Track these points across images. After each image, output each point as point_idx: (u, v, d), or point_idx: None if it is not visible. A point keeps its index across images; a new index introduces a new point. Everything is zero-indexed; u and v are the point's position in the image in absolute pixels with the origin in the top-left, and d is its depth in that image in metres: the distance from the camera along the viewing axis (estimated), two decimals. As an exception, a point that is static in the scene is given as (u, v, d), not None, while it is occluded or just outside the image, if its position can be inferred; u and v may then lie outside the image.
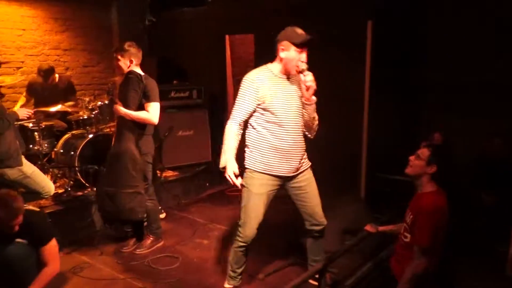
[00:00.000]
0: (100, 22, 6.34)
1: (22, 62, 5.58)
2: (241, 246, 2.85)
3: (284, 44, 2.59)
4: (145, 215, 3.70)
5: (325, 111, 4.75)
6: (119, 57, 3.56)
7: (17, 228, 2.53)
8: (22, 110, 3.63)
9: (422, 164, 2.46)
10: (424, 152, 2.48)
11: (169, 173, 5.22)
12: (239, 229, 2.83)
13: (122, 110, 3.47)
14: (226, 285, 3.02)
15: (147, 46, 6.43)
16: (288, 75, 2.68)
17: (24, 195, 3.60)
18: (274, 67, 2.68)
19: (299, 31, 2.60)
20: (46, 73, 5.04)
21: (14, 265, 2.54)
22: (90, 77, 6.36)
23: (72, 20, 6.06)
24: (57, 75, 5.24)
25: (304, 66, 2.58)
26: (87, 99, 4.82)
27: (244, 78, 2.62)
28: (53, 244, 2.71)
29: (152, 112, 3.51)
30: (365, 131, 4.55)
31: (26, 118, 3.75)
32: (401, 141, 4.31)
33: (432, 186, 2.47)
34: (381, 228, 2.91)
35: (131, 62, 3.54)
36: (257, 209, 2.74)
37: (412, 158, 2.54)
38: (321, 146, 4.83)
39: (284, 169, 2.72)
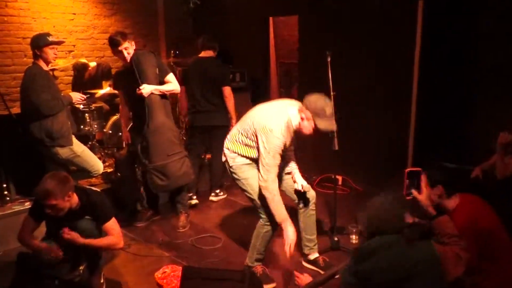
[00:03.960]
0: (146, 6, 6.44)
1: (74, 45, 5.78)
2: (268, 230, 2.94)
3: (309, 115, 2.65)
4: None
5: (371, 94, 4.67)
6: (127, 44, 3.58)
7: (72, 205, 2.68)
8: (75, 94, 3.77)
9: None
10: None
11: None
12: (265, 216, 2.89)
13: (151, 86, 3.56)
14: (250, 263, 3.07)
15: (192, 29, 6.50)
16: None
17: (75, 173, 3.79)
18: (294, 121, 2.74)
19: (328, 111, 2.65)
20: (79, 70, 5.28)
21: (84, 236, 2.71)
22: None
23: (120, 4, 6.20)
24: (94, 63, 5.41)
25: None
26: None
27: (272, 132, 2.66)
28: (114, 221, 2.86)
29: (174, 82, 3.75)
30: (413, 113, 4.39)
31: (79, 102, 3.88)
32: (452, 127, 4.14)
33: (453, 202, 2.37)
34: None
35: (132, 45, 3.67)
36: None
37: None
38: (366, 129, 4.75)
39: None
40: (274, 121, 2.71)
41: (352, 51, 4.67)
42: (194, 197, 4.52)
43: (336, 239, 3.46)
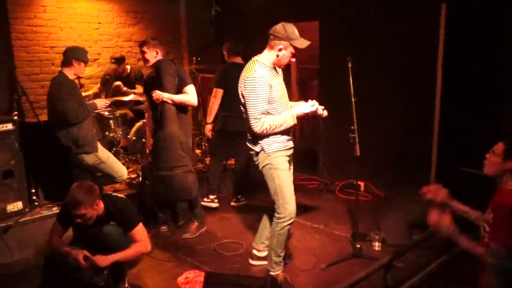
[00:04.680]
0: (169, 14, 6.56)
1: (99, 54, 5.93)
2: (287, 226, 2.95)
3: (284, 43, 2.76)
4: (197, 193, 3.85)
5: (393, 99, 4.62)
6: (145, 49, 3.69)
7: (99, 212, 2.76)
8: (100, 101, 3.88)
9: (499, 160, 2.28)
10: (499, 147, 2.30)
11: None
12: (280, 210, 2.93)
13: (164, 94, 3.58)
14: (273, 273, 3.07)
15: (213, 36, 6.57)
16: (275, 67, 2.89)
17: (100, 179, 3.89)
18: (264, 60, 2.84)
19: (297, 32, 2.79)
20: (117, 60, 5.31)
21: (110, 240, 2.80)
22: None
23: (143, 13, 6.33)
24: (128, 66, 5.51)
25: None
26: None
27: (250, 78, 2.73)
28: (141, 227, 2.92)
29: (191, 93, 3.69)
30: (436, 118, 4.31)
31: (103, 108, 3.99)
32: (477, 129, 4.04)
33: None
34: (453, 203, 2.47)
35: (157, 53, 3.69)
36: (290, 184, 2.95)
37: (488, 155, 2.35)
38: (388, 135, 4.70)
39: (291, 142, 2.98)
40: (245, 75, 2.80)
41: (373, 56, 4.63)
42: (216, 200, 4.57)
43: (358, 246, 3.42)
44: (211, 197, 4.56)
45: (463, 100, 4.12)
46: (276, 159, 2.89)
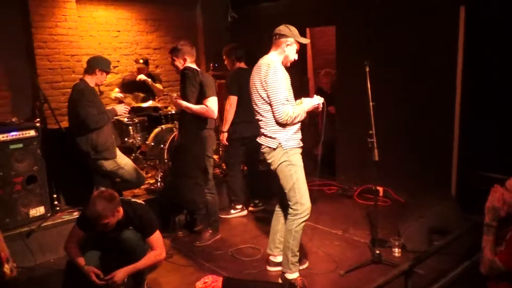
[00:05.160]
0: (186, 21, 6.64)
1: (118, 61, 6.03)
2: (303, 222, 3.00)
3: (290, 40, 2.99)
4: (204, 207, 3.83)
5: (412, 103, 4.57)
6: (174, 57, 3.71)
7: (118, 218, 2.79)
8: (120, 107, 3.94)
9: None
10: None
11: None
12: (297, 206, 2.98)
13: (183, 103, 3.60)
14: (290, 275, 3.05)
15: (230, 42, 6.60)
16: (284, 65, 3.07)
17: (119, 184, 3.94)
18: (276, 58, 3.00)
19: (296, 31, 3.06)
20: (145, 61, 5.44)
21: (129, 245, 2.85)
22: (178, 74, 6.69)
23: (161, 21, 6.43)
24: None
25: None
26: (175, 94, 5.07)
27: (272, 68, 2.88)
28: (158, 234, 2.96)
29: (210, 106, 3.63)
30: (457, 122, 4.25)
31: (124, 113, 4.05)
32: (499, 134, 3.96)
33: None
34: None
35: (185, 60, 3.70)
36: (305, 181, 3.03)
37: (499, 189, 2.23)
38: (407, 139, 4.64)
39: (302, 140, 3.09)
40: (264, 68, 2.94)
41: (390, 60, 4.59)
42: (244, 208, 4.63)
43: (377, 252, 3.38)
44: (238, 207, 4.60)
45: (484, 104, 4.05)
46: (293, 156, 2.97)
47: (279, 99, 2.85)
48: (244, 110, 4.27)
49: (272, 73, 2.86)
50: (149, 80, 5.31)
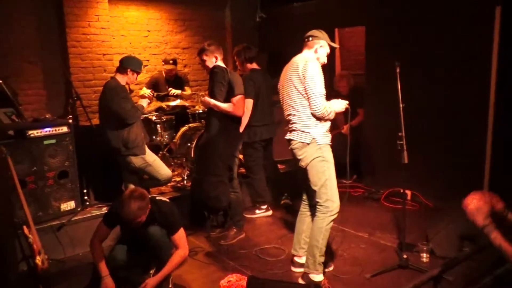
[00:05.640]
0: (215, 21, 6.70)
1: (148, 60, 6.14)
2: (333, 219, 3.02)
3: (322, 42, 3.10)
4: (227, 205, 3.84)
5: (443, 105, 4.45)
6: (205, 57, 3.72)
7: (145, 217, 2.84)
8: (143, 101, 4.05)
9: None
10: None
11: (279, 166, 5.33)
12: (328, 203, 2.99)
13: (211, 101, 3.61)
14: (316, 276, 3.03)
15: (258, 42, 6.63)
16: None
17: (146, 181, 4.00)
18: (312, 55, 3.08)
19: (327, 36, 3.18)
20: (174, 61, 5.52)
21: (155, 241, 2.91)
22: (205, 73, 6.73)
23: (190, 21, 6.51)
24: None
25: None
26: (202, 93, 5.14)
27: (310, 62, 2.95)
28: (182, 232, 3.00)
29: (236, 105, 3.66)
30: (490, 125, 4.11)
31: (149, 99, 4.20)
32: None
33: None
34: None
35: (216, 58, 3.71)
36: (335, 179, 3.06)
37: None
38: (438, 142, 4.53)
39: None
40: (302, 63, 2.99)
41: (421, 61, 4.49)
42: (269, 208, 4.64)
43: (405, 256, 3.31)
44: (263, 207, 4.61)
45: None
46: (326, 152, 3.00)
47: (317, 92, 2.90)
48: (261, 112, 4.31)
49: (311, 67, 2.92)
50: (179, 92, 5.40)
